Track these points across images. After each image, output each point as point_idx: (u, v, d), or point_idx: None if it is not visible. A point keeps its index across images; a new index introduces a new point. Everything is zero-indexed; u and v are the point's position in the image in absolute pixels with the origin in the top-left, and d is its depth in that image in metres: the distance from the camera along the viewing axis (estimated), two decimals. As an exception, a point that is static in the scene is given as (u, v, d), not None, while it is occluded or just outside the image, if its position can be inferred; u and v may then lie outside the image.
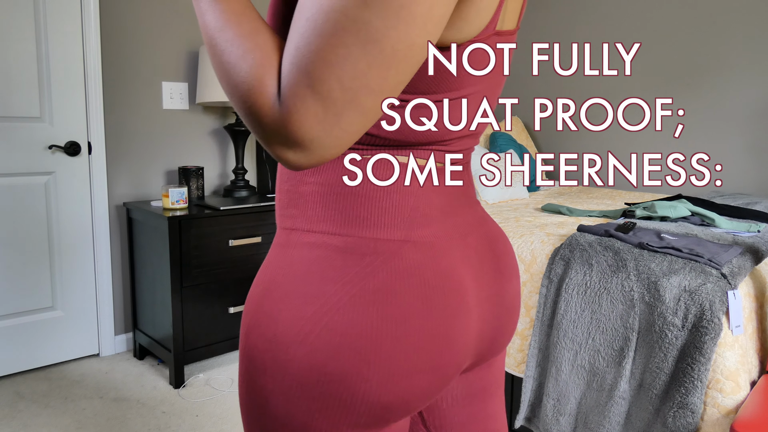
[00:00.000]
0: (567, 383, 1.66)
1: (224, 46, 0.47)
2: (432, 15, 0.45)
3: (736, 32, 2.91)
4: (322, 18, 0.43)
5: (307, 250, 0.57)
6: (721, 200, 2.58)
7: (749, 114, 2.90)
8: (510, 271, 0.70)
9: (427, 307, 0.56)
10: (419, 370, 0.56)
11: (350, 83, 0.44)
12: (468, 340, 0.60)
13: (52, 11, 2.38)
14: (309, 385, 0.54)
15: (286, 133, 0.45)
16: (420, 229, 0.58)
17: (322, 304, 0.54)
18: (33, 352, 2.47)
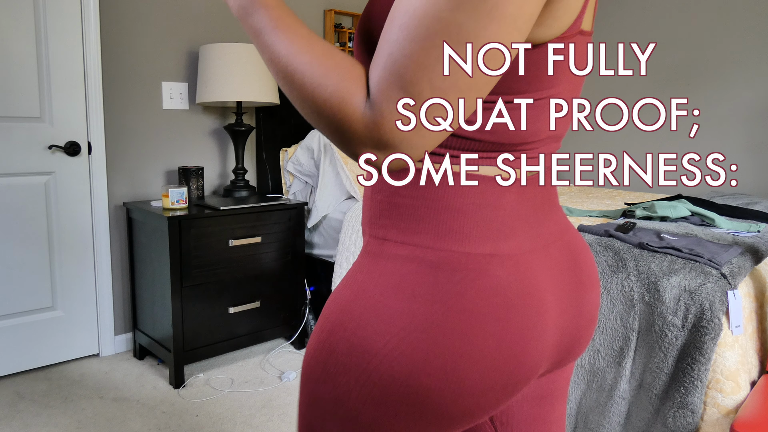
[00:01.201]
0: (567, 383, 1.66)
1: (303, 70, 0.50)
2: (523, 13, 0.46)
3: (736, 33, 2.91)
4: (414, 23, 0.45)
5: (399, 262, 0.58)
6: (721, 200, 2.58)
7: (749, 114, 2.90)
8: (591, 282, 0.69)
9: (505, 328, 0.56)
10: (491, 388, 0.57)
11: (441, 83, 0.46)
12: (543, 356, 0.61)
13: (52, 11, 2.38)
14: (386, 394, 0.57)
15: (379, 135, 0.48)
16: (506, 242, 0.58)
17: (410, 321, 0.56)
18: (33, 352, 2.47)
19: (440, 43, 0.45)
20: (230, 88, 2.50)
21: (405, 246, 0.58)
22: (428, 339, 0.55)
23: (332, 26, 3.29)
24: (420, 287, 0.56)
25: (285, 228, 2.65)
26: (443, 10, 0.44)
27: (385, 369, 0.56)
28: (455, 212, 0.57)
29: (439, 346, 0.55)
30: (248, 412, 2.16)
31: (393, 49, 0.46)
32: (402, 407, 0.57)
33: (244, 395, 2.29)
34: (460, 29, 0.44)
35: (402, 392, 0.56)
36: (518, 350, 0.57)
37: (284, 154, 2.94)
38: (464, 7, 0.44)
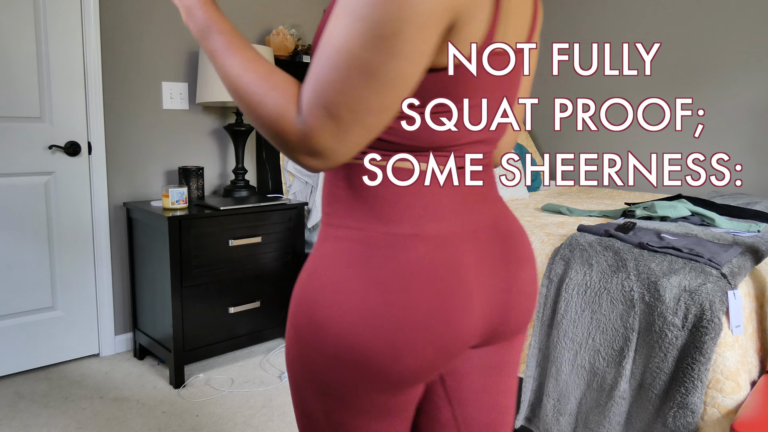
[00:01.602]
0: (567, 383, 1.66)
1: (248, 88, 0.62)
2: (418, 50, 0.58)
3: (736, 33, 2.91)
4: (334, 56, 0.57)
5: (338, 242, 0.69)
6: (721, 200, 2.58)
7: (749, 114, 2.90)
8: (522, 261, 0.78)
9: (428, 294, 0.66)
10: (422, 347, 0.66)
11: (355, 106, 0.58)
12: (470, 322, 0.70)
13: (52, 11, 2.38)
14: (341, 359, 0.67)
15: (308, 145, 0.60)
16: (428, 225, 0.69)
17: (345, 290, 0.67)
18: (33, 352, 2.47)
19: (353, 73, 0.57)
20: (230, 88, 2.50)
21: (342, 228, 0.70)
22: (361, 305, 0.66)
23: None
24: (354, 261, 0.67)
25: (285, 228, 2.65)
26: (354, 48, 0.56)
27: (334, 336, 0.67)
28: (380, 200, 0.69)
29: (371, 310, 0.65)
30: (248, 412, 2.16)
31: (319, 75, 0.58)
32: (354, 370, 0.67)
33: (244, 395, 2.29)
34: (367, 63, 0.56)
35: (351, 356, 0.67)
36: (444, 314, 0.67)
37: (284, 154, 2.93)
38: (370, 46, 0.56)
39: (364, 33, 0.56)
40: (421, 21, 0.56)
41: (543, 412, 1.72)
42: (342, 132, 0.59)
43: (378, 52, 0.56)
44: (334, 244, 0.69)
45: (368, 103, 0.58)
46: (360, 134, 0.60)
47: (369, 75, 0.57)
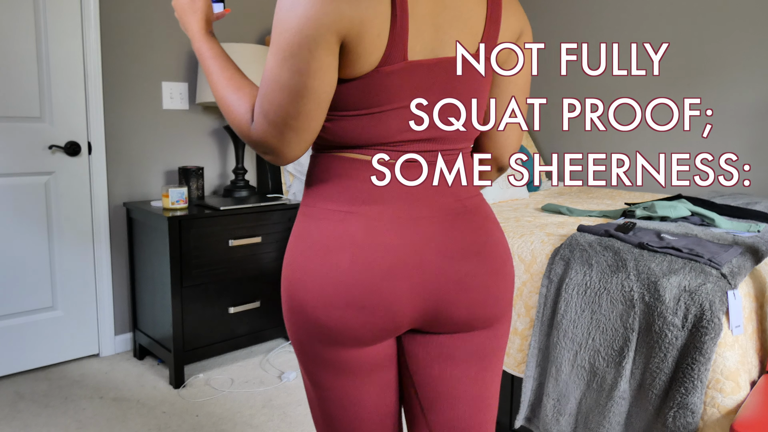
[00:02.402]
0: (567, 383, 1.66)
1: (225, 96, 0.82)
2: (315, 67, 0.73)
3: (736, 33, 2.91)
4: (265, 75, 0.76)
5: (299, 218, 0.87)
6: (721, 200, 2.58)
7: (749, 114, 2.90)
8: (466, 255, 0.85)
9: (355, 257, 0.79)
10: (348, 306, 0.80)
11: (281, 113, 0.75)
12: (396, 294, 0.81)
13: (52, 11, 2.38)
14: (291, 312, 0.84)
15: (261, 145, 0.79)
16: (363, 205, 0.81)
17: (293, 253, 0.84)
18: (33, 352, 2.47)
19: (275, 87, 0.74)
20: (230, 88, 2.50)
21: (304, 206, 0.87)
22: (301, 265, 0.82)
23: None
24: (302, 230, 0.84)
25: (285, 228, 2.65)
26: (274, 67, 0.74)
27: (286, 292, 0.85)
28: (325, 182, 0.84)
29: (308, 271, 0.81)
30: (248, 412, 2.16)
31: (260, 90, 0.77)
32: (301, 321, 0.83)
33: (244, 395, 2.29)
34: (281, 79, 0.74)
35: (294, 308, 0.83)
36: (369, 279, 0.79)
37: (284, 154, 2.94)
38: (281, 66, 0.73)
39: (276, 55, 0.73)
40: (311, 44, 0.71)
41: (543, 412, 1.72)
42: (279, 134, 0.76)
43: (286, 70, 0.73)
44: (297, 219, 0.87)
45: (288, 110, 0.74)
46: (293, 135, 0.77)
47: (284, 88, 0.74)
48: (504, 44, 0.87)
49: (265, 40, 2.98)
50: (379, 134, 0.81)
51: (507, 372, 1.91)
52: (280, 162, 0.80)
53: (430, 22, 0.79)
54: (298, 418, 2.11)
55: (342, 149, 0.83)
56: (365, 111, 0.79)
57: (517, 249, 1.89)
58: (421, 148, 0.84)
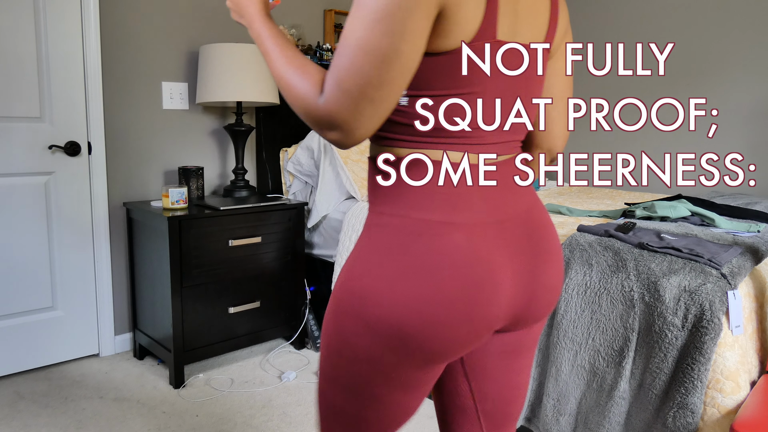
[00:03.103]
0: (567, 383, 1.66)
1: (286, 77, 0.76)
2: (409, 30, 0.67)
3: (736, 33, 2.91)
4: (344, 42, 0.70)
5: (379, 228, 0.78)
6: (721, 200, 2.58)
7: (749, 114, 2.90)
8: (548, 255, 0.85)
9: (460, 277, 0.74)
10: (455, 324, 0.74)
11: (359, 80, 0.69)
12: (497, 307, 0.78)
13: (52, 11, 2.38)
14: (378, 332, 0.76)
15: (329, 119, 0.71)
16: (460, 213, 0.76)
17: (387, 273, 0.75)
18: (33, 352, 2.47)
19: (358, 52, 0.68)
20: (230, 88, 2.50)
21: (382, 215, 0.79)
22: (402, 286, 0.74)
23: (332, 26, 3.29)
24: (392, 245, 0.76)
25: (285, 228, 2.65)
26: (357, 30, 0.68)
27: (374, 312, 0.75)
28: (415, 188, 0.77)
29: (410, 292, 0.74)
30: (248, 412, 2.16)
31: (335, 60, 0.71)
32: (391, 343, 0.75)
33: (244, 395, 2.29)
34: (367, 43, 0.68)
35: (388, 330, 0.75)
36: (473, 299, 0.75)
37: (284, 154, 2.94)
38: (368, 28, 0.67)
39: (364, 18, 0.68)
40: (410, 3, 0.67)
41: (543, 412, 1.72)
42: (353, 106, 0.70)
43: (377, 32, 0.67)
44: (376, 230, 0.78)
45: (371, 77, 0.68)
46: (369, 108, 0.70)
47: (371, 53, 0.68)
48: (558, 38, 0.88)
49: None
50: (462, 121, 0.77)
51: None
52: (345, 142, 0.73)
53: (512, 7, 0.77)
54: (298, 419, 2.11)
55: (421, 143, 0.78)
56: (451, 92, 0.75)
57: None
58: (498, 139, 0.81)
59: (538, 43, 0.83)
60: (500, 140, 0.81)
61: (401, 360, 0.77)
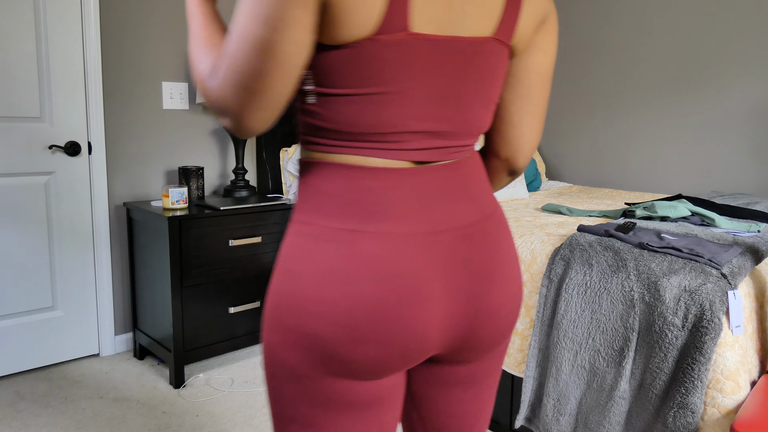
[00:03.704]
0: (567, 383, 1.66)
1: (194, 56, 0.74)
2: (284, 19, 0.62)
3: (736, 33, 2.91)
4: (229, 30, 0.67)
5: (295, 236, 0.72)
6: (721, 200, 2.58)
7: (749, 114, 2.90)
8: (495, 274, 0.75)
9: (375, 289, 0.67)
10: (378, 342, 0.68)
11: (238, 68, 0.65)
12: (426, 324, 0.70)
13: (52, 11, 2.38)
14: (297, 341, 0.70)
15: (216, 106, 0.69)
16: (376, 223, 0.69)
17: (299, 281, 0.70)
18: (33, 352, 2.47)
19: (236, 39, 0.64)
20: (230, 88, 2.50)
21: (297, 223, 0.73)
22: (313, 294, 0.69)
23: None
24: (307, 253, 0.70)
25: (285, 228, 2.65)
26: (239, 16, 0.64)
27: (291, 321, 0.70)
28: (323, 195, 0.71)
29: (321, 301, 0.68)
30: (248, 412, 2.16)
31: (222, 47, 0.70)
32: (318, 361, 0.70)
33: (245, 395, 2.29)
34: (244, 30, 0.64)
35: (304, 339, 0.70)
36: (394, 312, 0.68)
37: (284, 153, 2.94)
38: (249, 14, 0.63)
39: (244, 4, 0.64)
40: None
41: (543, 412, 1.72)
42: (234, 92, 0.66)
43: (251, 18, 0.63)
44: (292, 238, 0.73)
45: (244, 66, 0.65)
46: (250, 98, 0.66)
47: (244, 41, 0.64)
48: (524, 30, 0.76)
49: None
50: (377, 123, 0.69)
51: (507, 372, 1.91)
52: (237, 130, 0.70)
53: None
54: (298, 418, 2.11)
55: (335, 146, 0.72)
56: (359, 91, 0.68)
57: (517, 249, 1.89)
58: (428, 144, 0.72)
59: (484, 36, 0.71)
60: (431, 145, 0.72)
61: (325, 373, 0.71)
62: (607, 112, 3.47)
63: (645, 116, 3.29)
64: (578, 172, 3.67)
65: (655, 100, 3.24)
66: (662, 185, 3.26)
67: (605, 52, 3.45)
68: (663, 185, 3.26)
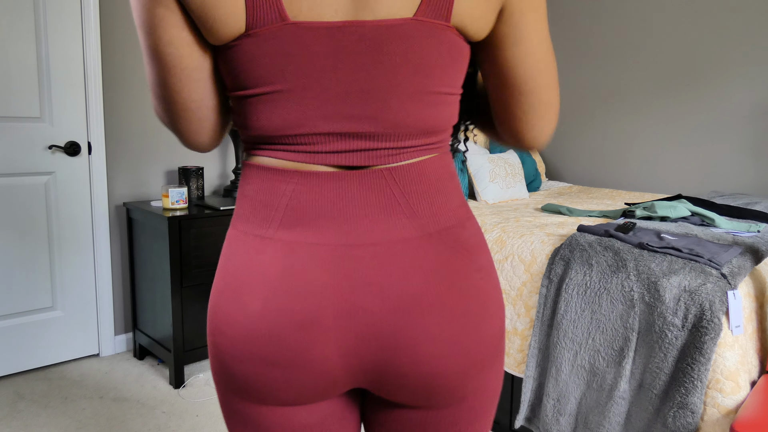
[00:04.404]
0: (567, 383, 1.66)
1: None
2: (153, 21, 0.60)
3: (736, 33, 2.91)
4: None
5: (225, 241, 0.70)
6: (721, 200, 2.58)
7: (749, 114, 2.90)
8: (431, 308, 0.62)
9: (267, 301, 0.62)
10: (261, 361, 0.63)
11: (149, 82, 0.66)
12: (318, 353, 0.63)
13: (52, 11, 2.38)
14: (210, 356, 0.69)
15: (161, 120, 0.71)
16: (283, 230, 0.63)
17: (213, 289, 0.68)
18: (33, 352, 2.47)
19: (144, 58, 0.64)
20: (230, 88, 2.50)
21: (230, 228, 0.70)
22: (217, 304, 0.66)
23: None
24: (222, 261, 0.68)
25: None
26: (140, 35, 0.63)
27: (208, 333, 0.68)
28: (244, 198, 0.67)
29: (224, 312, 0.65)
30: (248, 412, 2.16)
31: None
32: (222, 375, 0.67)
33: (244, 395, 2.29)
34: (141, 44, 0.64)
35: (216, 360, 0.67)
36: (282, 334, 0.62)
37: (284, 154, 2.94)
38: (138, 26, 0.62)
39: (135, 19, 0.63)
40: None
41: (543, 412, 1.72)
42: (161, 107, 0.68)
43: (139, 30, 0.63)
44: (224, 245, 0.71)
45: (150, 76, 0.65)
46: (173, 111, 0.67)
47: (143, 52, 0.64)
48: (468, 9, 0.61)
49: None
50: (281, 124, 0.63)
51: (507, 372, 1.91)
52: (190, 146, 0.71)
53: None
54: (298, 418, 2.11)
55: (254, 148, 0.68)
56: (254, 91, 0.62)
57: (517, 249, 1.89)
58: (345, 146, 0.63)
59: (400, 17, 0.59)
60: (350, 147, 0.63)
61: (231, 391, 0.68)
62: (607, 112, 3.47)
63: (645, 116, 3.29)
64: (578, 172, 3.67)
65: (655, 101, 3.24)
66: (662, 185, 3.26)
67: (605, 53, 3.45)
68: (663, 185, 3.26)
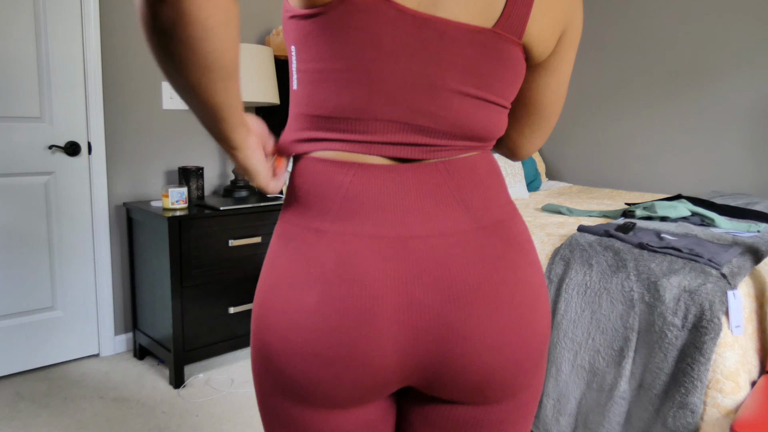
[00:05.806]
0: (567, 383, 1.66)
1: None
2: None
3: (736, 33, 2.91)
4: None
5: (273, 236, 0.68)
6: (721, 200, 2.58)
7: (749, 114, 2.90)
8: (485, 299, 0.61)
9: (323, 296, 0.60)
10: (314, 358, 0.61)
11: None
12: (377, 347, 0.60)
13: (52, 11, 2.38)
14: (255, 354, 0.66)
15: None
16: (338, 222, 0.61)
17: (262, 284, 0.66)
18: (33, 352, 2.47)
19: None
20: (230, 88, 2.50)
21: (279, 222, 0.68)
22: (268, 299, 0.64)
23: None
24: (272, 255, 0.66)
25: (285, 228, 2.65)
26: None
27: (252, 334, 0.66)
28: (297, 190, 0.65)
29: (274, 307, 0.63)
30: (248, 412, 2.16)
31: None
32: (268, 373, 0.65)
33: (245, 395, 2.29)
34: None
35: (257, 351, 0.65)
36: (340, 330, 0.60)
37: (284, 154, 2.93)
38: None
39: None
40: None
41: (543, 412, 1.72)
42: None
43: None
44: (273, 237, 0.68)
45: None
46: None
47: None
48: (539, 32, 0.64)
49: (265, 41, 2.98)
50: (342, 105, 0.60)
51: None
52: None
53: None
54: (298, 418, 2.11)
55: (308, 136, 0.65)
56: (326, 65, 0.60)
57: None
58: (404, 138, 0.62)
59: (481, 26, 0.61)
60: (409, 140, 0.62)
61: (277, 391, 0.65)
62: (607, 112, 3.47)
63: (645, 116, 3.29)
64: (578, 172, 3.67)
65: (655, 101, 3.24)
66: (662, 185, 3.26)
67: (605, 53, 3.45)
68: (663, 185, 3.26)
